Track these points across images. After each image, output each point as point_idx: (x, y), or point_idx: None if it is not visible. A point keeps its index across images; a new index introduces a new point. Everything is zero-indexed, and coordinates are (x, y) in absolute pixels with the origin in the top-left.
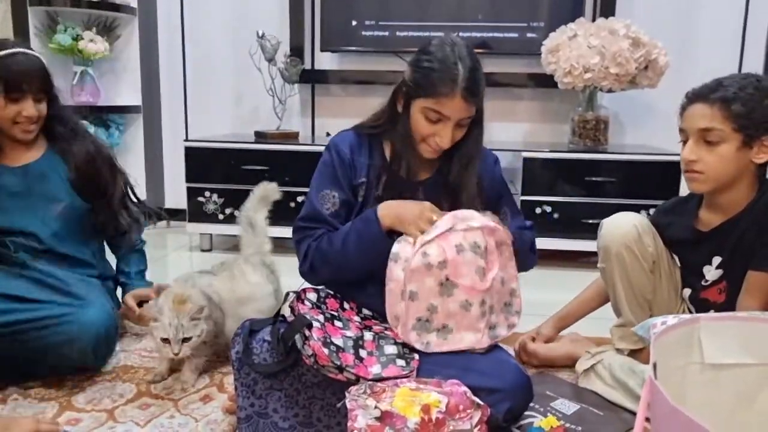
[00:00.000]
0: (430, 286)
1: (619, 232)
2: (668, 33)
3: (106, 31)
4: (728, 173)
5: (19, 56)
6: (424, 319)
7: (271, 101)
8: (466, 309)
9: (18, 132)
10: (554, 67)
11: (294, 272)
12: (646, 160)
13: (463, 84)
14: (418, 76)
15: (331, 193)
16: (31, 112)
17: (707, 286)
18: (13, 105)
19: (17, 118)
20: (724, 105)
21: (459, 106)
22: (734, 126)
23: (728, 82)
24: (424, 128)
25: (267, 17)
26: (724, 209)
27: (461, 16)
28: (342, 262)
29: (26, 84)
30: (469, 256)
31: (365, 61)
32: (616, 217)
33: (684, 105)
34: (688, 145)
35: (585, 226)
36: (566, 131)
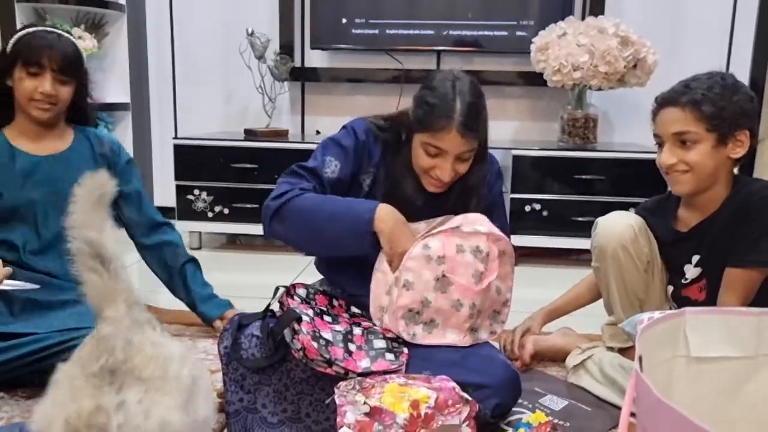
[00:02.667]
0: (427, 279)
1: (615, 232)
2: (657, 32)
3: (94, 28)
4: (709, 170)
5: (41, 32)
6: (415, 311)
7: (261, 99)
8: (456, 308)
9: (33, 109)
10: (543, 65)
11: (285, 269)
12: (635, 158)
13: (460, 119)
14: (419, 112)
15: (334, 161)
16: (47, 88)
17: (687, 284)
18: (31, 80)
19: (34, 95)
20: (694, 107)
21: (456, 140)
22: (707, 126)
23: (695, 84)
24: (424, 162)
25: (257, 15)
26: (701, 208)
27: (451, 15)
28: (314, 229)
29: (46, 59)
30: (468, 258)
31: (355, 58)
32: (611, 216)
33: (654, 110)
34: (666, 150)
35: (574, 223)
36: (555, 129)
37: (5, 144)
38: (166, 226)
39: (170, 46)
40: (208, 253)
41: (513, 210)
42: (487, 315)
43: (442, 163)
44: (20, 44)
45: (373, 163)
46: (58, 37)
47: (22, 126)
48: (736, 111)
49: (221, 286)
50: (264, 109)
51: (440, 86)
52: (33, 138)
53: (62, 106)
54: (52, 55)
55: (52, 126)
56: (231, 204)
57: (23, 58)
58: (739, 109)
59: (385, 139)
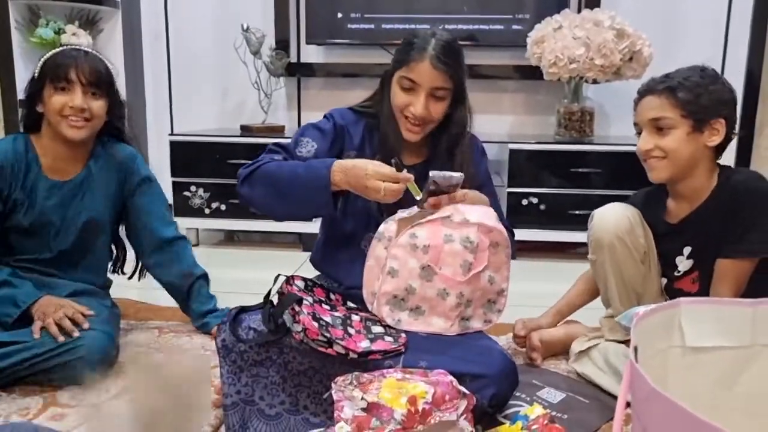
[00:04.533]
0: (412, 266)
1: (611, 223)
2: (653, 24)
3: (88, 24)
4: (686, 157)
5: (67, 50)
6: (400, 298)
7: (257, 95)
8: (442, 297)
9: (65, 127)
10: (539, 58)
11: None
12: (631, 151)
13: (433, 51)
14: (398, 52)
15: (311, 142)
16: (77, 102)
17: (680, 276)
18: (60, 95)
19: (64, 110)
20: (670, 94)
21: (428, 72)
22: (682, 112)
23: (674, 74)
24: (400, 99)
25: (252, 10)
26: (688, 199)
27: (447, 9)
28: (279, 188)
29: (74, 73)
30: (457, 247)
31: (351, 53)
32: (607, 208)
33: (636, 100)
34: (643, 136)
35: (571, 217)
36: (552, 123)
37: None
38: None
39: (165, 43)
40: (206, 249)
41: (510, 204)
42: (479, 304)
43: (415, 98)
44: (47, 65)
45: (354, 145)
46: (84, 53)
47: (49, 148)
48: (712, 99)
49: (219, 282)
50: (260, 104)
51: (419, 30)
52: (58, 161)
53: (96, 124)
54: (80, 68)
55: (78, 148)
56: (228, 200)
57: (51, 75)
58: (715, 98)
59: (368, 121)
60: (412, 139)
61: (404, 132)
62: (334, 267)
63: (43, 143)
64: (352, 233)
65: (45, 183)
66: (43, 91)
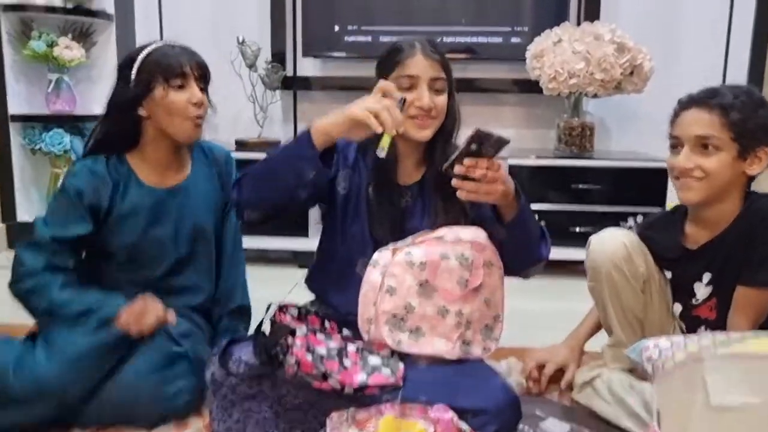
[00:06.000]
0: (410, 284)
1: (607, 251)
2: (653, 38)
3: (82, 37)
4: (723, 182)
5: (165, 47)
6: (399, 317)
7: (252, 108)
8: (442, 315)
9: (189, 128)
10: (539, 72)
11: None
12: (633, 166)
13: (421, 45)
14: (382, 63)
15: None
16: (198, 96)
17: (698, 304)
18: (178, 93)
19: (188, 109)
20: (722, 112)
21: (423, 63)
22: (732, 135)
23: (723, 89)
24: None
25: (248, 22)
26: (710, 224)
27: (444, 21)
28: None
29: (188, 67)
30: (453, 264)
31: (348, 66)
32: (603, 234)
33: (677, 111)
34: (684, 152)
35: (572, 234)
36: (551, 137)
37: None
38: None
39: None
40: None
41: None
42: (478, 328)
43: (418, 92)
44: (151, 63)
45: (348, 163)
46: (180, 47)
47: (151, 156)
48: (759, 124)
49: None
50: (255, 118)
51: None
52: (161, 169)
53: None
54: (192, 61)
55: (180, 151)
56: None
57: (164, 73)
58: (762, 124)
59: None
60: (424, 136)
61: (413, 131)
62: (330, 291)
63: (143, 155)
64: (348, 257)
65: (151, 195)
66: (147, 94)
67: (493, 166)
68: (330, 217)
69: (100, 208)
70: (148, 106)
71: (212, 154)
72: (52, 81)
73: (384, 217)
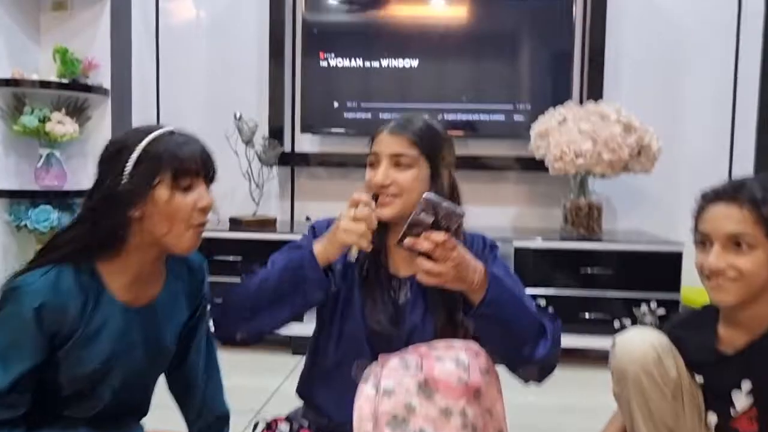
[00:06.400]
0: (408, 385)
1: (636, 354)
2: (656, 116)
3: (76, 112)
4: (760, 282)
5: (166, 135)
6: (401, 418)
7: (248, 185)
8: (446, 416)
9: (192, 236)
10: (544, 151)
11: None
12: (645, 250)
13: (394, 122)
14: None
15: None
16: (208, 199)
17: (737, 415)
18: (184, 196)
19: (192, 216)
20: (753, 207)
21: (387, 140)
22: (766, 231)
23: (750, 182)
24: (368, 176)
25: (245, 98)
26: (747, 326)
27: (445, 98)
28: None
29: (200, 165)
30: (449, 366)
31: (347, 142)
32: (630, 335)
33: (702, 205)
34: (714, 251)
35: (583, 321)
36: (555, 216)
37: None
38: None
39: None
40: None
41: None
42: None
43: (378, 168)
44: (156, 155)
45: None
46: (180, 133)
47: (132, 268)
48: None
49: None
50: (251, 195)
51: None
52: (138, 284)
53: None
54: (201, 156)
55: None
56: (212, 299)
57: (172, 169)
58: None
59: None
60: (382, 215)
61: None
62: (322, 399)
63: (122, 265)
64: (340, 361)
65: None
66: (146, 192)
67: (447, 243)
68: (323, 314)
69: (59, 333)
70: (144, 206)
71: (188, 263)
72: (42, 156)
73: (380, 314)
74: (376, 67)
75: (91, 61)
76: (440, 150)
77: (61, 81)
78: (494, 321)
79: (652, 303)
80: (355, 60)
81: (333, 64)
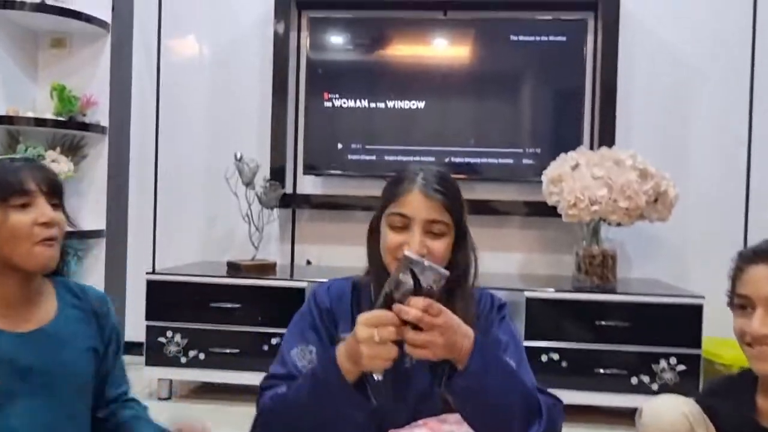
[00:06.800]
0: None
1: (666, 423)
2: (668, 158)
3: (72, 150)
4: None
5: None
6: None
7: (247, 228)
8: None
9: (39, 253)
10: (557, 198)
11: None
12: (663, 302)
13: (423, 181)
14: (383, 191)
15: (307, 348)
16: (49, 213)
17: None
18: (20, 214)
19: (33, 231)
20: None
21: (420, 202)
22: None
23: None
24: (392, 240)
25: (246, 138)
26: None
27: (453, 141)
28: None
29: (32, 182)
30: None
31: (350, 184)
32: (660, 402)
33: (740, 266)
34: (758, 316)
35: (598, 376)
36: (565, 262)
37: None
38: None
39: (153, 171)
40: (179, 404)
41: None
42: None
43: (409, 236)
44: None
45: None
46: (25, 159)
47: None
48: None
49: None
50: (250, 239)
51: (407, 166)
52: (12, 309)
53: (61, 242)
54: (36, 175)
55: (32, 285)
56: (208, 348)
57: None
58: None
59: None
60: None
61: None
62: None
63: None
64: None
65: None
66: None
67: (432, 309)
68: None
69: None
70: None
71: (84, 294)
72: None
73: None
74: (381, 108)
75: (89, 99)
76: (464, 210)
77: (58, 118)
78: (473, 395)
79: (672, 358)
80: (360, 101)
81: (338, 104)
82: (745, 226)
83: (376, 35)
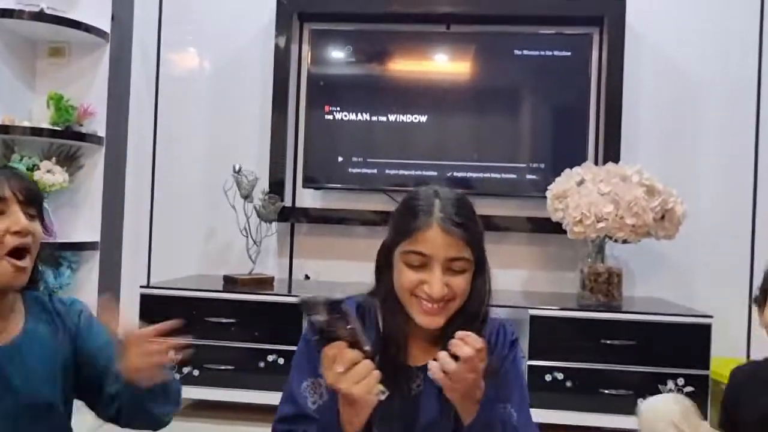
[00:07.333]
0: None
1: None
2: (673, 176)
3: (67, 160)
4: None
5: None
6: None
7: (245, 242)
8: None
9: (8, 267)
10: (562, 214)
11: None
12: (670, 321)
13: (441, 214)
14: (395, 220)
15: (316, 381)
16: (23, 223)
17: None
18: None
19: (4, 240)
20: None
21: (439, 239)
22: None
23: None
24: (409, 278)
25: (245, 151)
26: None
27: (456, 156)
28: None
29: (8, 189)
30: None
31: (350, 198)
32: (655, 398)
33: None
34: None
35: (604, 397)
36: (569, 279)
37: None
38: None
39: (150, 183)
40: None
41: (531, 380)
42: None
43: (429, 275)
44: None
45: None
46: (4, 167)
47: None
48: None
49: None
50: (248, 252)
51: (419, 191)
52: None
53: (35, 255)
54: (13, 183)
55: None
56: (202, 364)
57: None
58: None
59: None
60: (432, 324)
61: (420, 317)
62: None
63: None
64: None
65: None
66: None
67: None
68: None
69: None
70: None
71: (53, 304)
72: None
73: (391, 411)
74: (383, 121)
75: (86, 109)
76: (483, 240)
77: (54, 128)
78: None
79: (680, 379)
80: (361, 114)
81: (338, 117)
82: (752, 244)
83: (378, 48)
